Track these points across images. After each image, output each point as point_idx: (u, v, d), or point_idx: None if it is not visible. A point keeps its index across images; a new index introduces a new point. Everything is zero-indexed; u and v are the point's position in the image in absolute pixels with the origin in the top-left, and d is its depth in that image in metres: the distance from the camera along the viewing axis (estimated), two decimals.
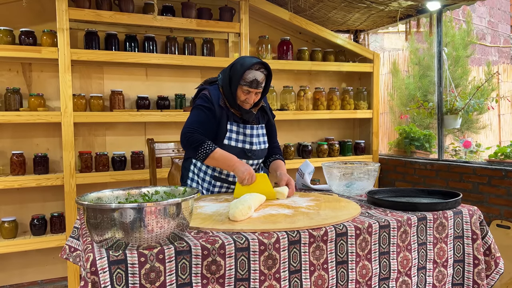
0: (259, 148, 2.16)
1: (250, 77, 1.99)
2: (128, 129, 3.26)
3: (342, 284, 1.52)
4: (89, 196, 1.39)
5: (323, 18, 3.82)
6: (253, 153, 2.13)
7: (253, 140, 2.13)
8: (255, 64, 2.00)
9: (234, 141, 2.10)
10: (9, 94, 2.80)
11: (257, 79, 2.00)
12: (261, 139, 2.19)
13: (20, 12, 2.94)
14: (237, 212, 1.57)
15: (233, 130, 2.11)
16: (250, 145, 2.12)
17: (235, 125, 2.11)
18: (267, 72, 2.06)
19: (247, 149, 2.11)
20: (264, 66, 2.03)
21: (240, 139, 2.11)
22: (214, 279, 1.34)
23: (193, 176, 2.22)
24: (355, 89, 4.00)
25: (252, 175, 1.95)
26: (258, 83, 2.01)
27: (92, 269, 1.21)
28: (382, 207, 1.81)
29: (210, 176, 2.16)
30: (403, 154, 3.99)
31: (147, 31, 3.23)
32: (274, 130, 2.32)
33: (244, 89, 2.02)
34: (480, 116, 4.97)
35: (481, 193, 3.14)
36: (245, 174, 1.94)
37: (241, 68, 2.00)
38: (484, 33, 8.12)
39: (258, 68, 2.01)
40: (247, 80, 1.99)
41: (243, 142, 2.12)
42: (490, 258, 1.81)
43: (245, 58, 2.06)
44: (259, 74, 2.01)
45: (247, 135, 2.13)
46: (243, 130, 2.12)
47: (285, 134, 3.83)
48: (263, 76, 2.03)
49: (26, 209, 2.98)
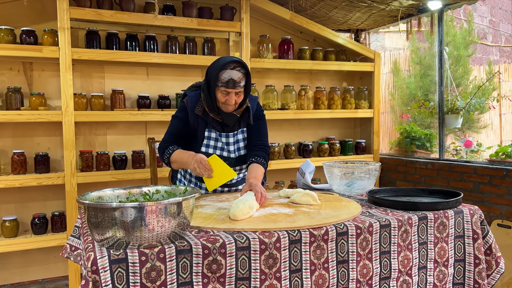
0: (237, 155, 2.13)
1: (226, 77, 1.92)
2: (129, 128, 3.26)
3: (343, 283, 1.52)
4: (90, 195, 1.39)
5: (324, 17, 3.82)
6: (230, 161, 2.10)
7: (230, 148, 2.10)
8: (230, 63, 1.92)
9: (212, 148, 2.08)
10: (10, 93, 2.81)
11: (233, 78, 1.92)
12: (241, 145, 2.14)
13: (21, 11, 2.94)
14: (238, 211, 1.57)
15: (211, 137, 2.08)
16: (228, 153, 2.10)
17: (214, 132, 2.07)
18: (245, 71, 1.97)
19: (225, 157, 2.09)
20: (241, 64, 1.95)
21: (218, 146, 2.09)
22: (214, 278, 1.34)
23: (181, 178, 2.25)
24: (356, 89, 4.00)
25: (200, 160, 1.84)
26: (235, 83, 1.92)
27: (93, 268, 1.21)
28: (383, 207, 1.81)
29: (195, 178, 2.18)
30: (404, 154, 3.99)
31: (148, 30, 3.24)
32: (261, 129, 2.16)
33: (222, 90, 1.94)
34: (481, 116, 4.97)
35: (482, 193, 3.14)
36: (192, 163, 1.87)
37: (215, 69, 1.94)
38: (485, 33, 8.11)
39: (234, 67, 1.93)
40: (223, 81, 1.92)
41: (221, 149, 2.09)
42: (491, 258, 1.81)
43: (220, 58, 1.99)
44: (235, 73, 1.92)
45: (225, 143, 2.10)
46: (220, 138, 2.09)
47: (286, 133, 3.83)
48: (241, 74, 1.93)
49: (27, 208, 2.98)
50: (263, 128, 2.17)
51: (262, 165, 2.05)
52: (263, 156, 2.09)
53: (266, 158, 2.11)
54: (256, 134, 2.15)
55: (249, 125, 2.14)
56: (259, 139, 2.14)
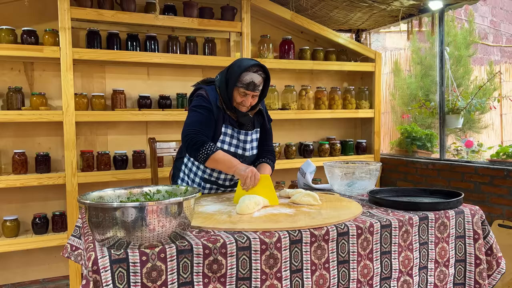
0: (251, 154, 2.14)
1: (247, 79, 1.95)
2: (129, 128, 3.26)
3: (344, 283, 1.52)
4: (91, 195, 1.39)
5: (324, 17, 3.82)
6: (244, 158, 2.10)
7: (246, 146, 2.10)
8: (253, 66, 1.96)
9: (227, 145, 2.07)
10: (11, 93, 2.81)
11: (254, 81, 1.95)
12: (254, 144, 2.16)
13: (22, 11, 2.95)
14: (243, 206, 1.63)
15: (228, 133, 2.07)
16: (243, 151, 2.10)
17: (230, 129, 2.07)
18: (265, 75, 2.00)
19: (239, 154, 2.08)
20: (263, 69, 1.99)
21: (233, 143, 2.08)
22: (215, 278, 1.35)
23: (184, 176, 2.21)
24: (357, 89, 4.00)
25: (255, 173, 1.85)
26: (255, 86, 1.96)
27: (94, 268, 1.21)
28: (383, 207, 1.81)
29: (200, 178, 2.15)
30: (404, 154, 3.99)
31: (148, 30, 3.24)
32: (269, 134, 2.24)
33: (241, 91, 1.97)
34: (482, 116, 4.97)
35: (483, 193, 3.14)
36: (247, 172, 1.83)
37: (238, 69, 1.96)
38: (486, 33, 8.10)
39: (256, 70, 1.96)
40: (244, 82, 1.95)
41: (236, 146, 2.09)
42: (492, 258, 1.81)
43: (243, 59, 2.02)
44: (257, 76, 1.96)
45: (241, 141, 2.09)
46: (237, 135, 2.09)
47: (286, 133, 3.83)
48: (261, 79, 1.98)
49: (28, 208, 2.99)
50: (271, 133, 2.26)
51: (270, 166, 2.16)
52: (271, 159, 2.20)
53: (274, 161, 2.23)
54: (267, 138, 2.23)
55: (263, 128, 2.20)
56: (269, 144, 2.23)
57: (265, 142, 2.21)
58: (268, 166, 2.13)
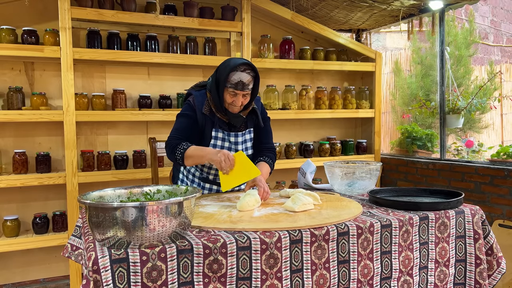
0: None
1: (235, 78, 1.93)
2: (130, 128, 3.27)
3: (344, 283, 1.52)
4: (91, 195, 1.39)
5: (325, 17, 3.82)
6: None
7: (238, 147, 2.10)
8: (240, 65, 1.94)
9: (219, 148, 2.07)
10: (12, 93, 2.81)
11: (243, 80, 1.93)
12: (248, 145, 2.15)
13: (22, 11, 2.95)
14: (244, 203, 1.67)
15: (219, 137, 2.07)
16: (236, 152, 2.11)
17: (220, 132, 2.07)
18: (254, 74, 1.98)
19: None
20: (251, 67, 1.97)
21: (225, 146, 2.08)
22: (215, 278, 1.35)
23: (183, 178, 2.23)
24: (357, 89, 3.99)
25: (227, 155, 1.83)
26: (244, 85, 1.94)
27: (94, 268, 1.21)
28: (384, 207, 1.81)
29: (199, 178, 2.17)
30: (405, 154, 3.99)
31: (149, 30, 3.24)
32: (268, 132, 2.22)
33: (230, 91, 1.95)
34: (483, 116, 4.96)
35: (483, 193, 3.13)
36: (219, 156, 1.83)
37: (226, 70, 1.95)
38: (487, 32, 8.10)
39: (244, 69, 1.94)
40: (232, 82, 1.93)
41: (229, 149, 2.09)
42: (492, 258, 1.81)
43: (231, 59, 2.01)
44: (245, 75, 1.94)
45: (232, 143, 2.09)
46: (228, 137, 2.08)
47: (287, 133, 3.83)
48: (250, 77, 1.96)
49: (28, 208, 2.99)
50: (270, 130, 2.23)
51: (269, 165, 2.12)
52: (271, 157, 2.16)
53: (274, 159, 2.18)
54: (264, 136, 2.19)
55: (257, 127, 2.17)
56: (267, 142, 2.20)
57: (264, 141, 2.20)
58: (266, 164, 2.11)
